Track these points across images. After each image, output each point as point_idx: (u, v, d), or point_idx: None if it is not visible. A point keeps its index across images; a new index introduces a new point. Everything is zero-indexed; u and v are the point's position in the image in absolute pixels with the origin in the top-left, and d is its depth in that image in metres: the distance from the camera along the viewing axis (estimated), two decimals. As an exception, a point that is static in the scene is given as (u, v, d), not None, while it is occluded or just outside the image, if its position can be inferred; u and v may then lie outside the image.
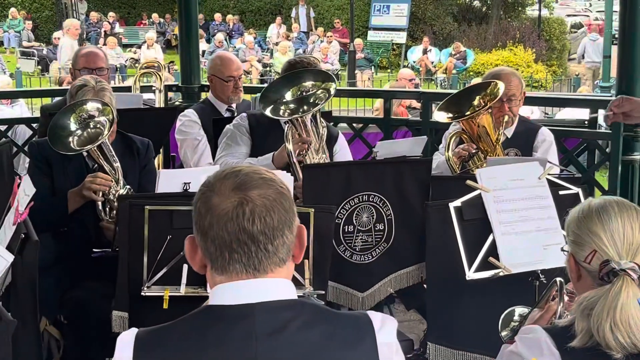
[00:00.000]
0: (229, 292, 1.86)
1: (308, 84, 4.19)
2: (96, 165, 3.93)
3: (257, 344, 1.81)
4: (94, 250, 3.85)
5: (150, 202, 3.26)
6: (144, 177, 4.12)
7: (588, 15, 36.76)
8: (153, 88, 6.20)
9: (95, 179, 3.80)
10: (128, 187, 3.90)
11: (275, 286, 1.88)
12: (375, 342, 1.89)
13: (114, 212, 3.78)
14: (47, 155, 4.00)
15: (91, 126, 3.85)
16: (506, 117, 4.46)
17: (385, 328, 1.92)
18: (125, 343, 1.86)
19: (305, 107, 4.11)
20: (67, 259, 3.97)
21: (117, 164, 3.88)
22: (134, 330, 1.89)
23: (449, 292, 3.64)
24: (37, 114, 9.41)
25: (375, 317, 1.93)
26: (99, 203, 3.81)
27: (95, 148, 3.81)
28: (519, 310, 2.77)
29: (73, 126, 3.85)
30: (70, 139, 3.83)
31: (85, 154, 3.93)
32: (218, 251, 1.85)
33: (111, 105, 3.90)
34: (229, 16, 27.37)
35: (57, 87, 10.68)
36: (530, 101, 6.17)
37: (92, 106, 3.88)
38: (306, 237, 1.97)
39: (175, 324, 1.89)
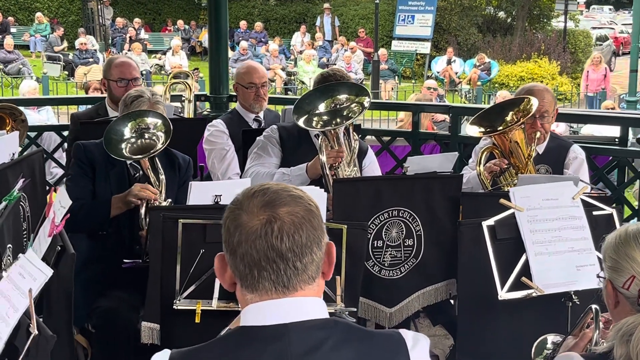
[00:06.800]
0: (261, 313, 1.86)
1: (342, 97, 4.19)
2: (138, 174, 4.01)
3: None
4: (124, 260, 3.86)
5: (183, 215, 3.27)
6: (181, 194, 4.11)
7: (613, 28, 36.72)
8: (183, 98, 6.23)
9: (143, 189, 3.86)
10: (170, 200, 3.95)
11: (307, 305, 1.88)
12: (408, 358, 1.89)
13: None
14: (92, 158, 4.08)
15: (146, 137, 3.94)
16: (538, 134, 4.43)
17: (418, 346, 1.92)
18: None
19: (338, 120, 4.11)
20: (98, 264, 3.99)
21: (163, 177, 3.95)
22: (166, 352, 1.88)
23: (480, 310, 3.63)
24: (63, 119, 9.54)
25: (407, 335, 1.93)
26: (142, 212, 3.85)
27: (147, 159, 3.90)
28: (552, 338, 2.76)
29: (128, 133, 3.93)
30: (124, 145, 3.91)
31: (129, 162, 4.02)
32: (247, 269, 1.85)
33: (169, 123, 3.98)
34: (258, 24, 27.49)
35: (84, 95, 10.73)
36: (561, 117, 6.14)
37: (152, 120, 3.98)
38: (335, 254, 1.97)
39: (209, 345, 1.89)
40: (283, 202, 1.87)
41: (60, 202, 2.90)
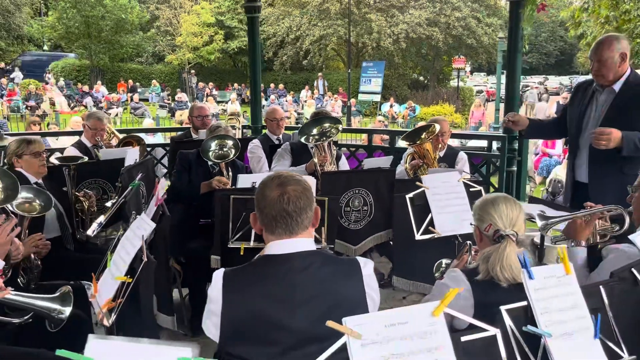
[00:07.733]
0: (277, 247, 1.85)
1: (326, 124, 4.16)
2: (215, 170, 3.97)
3: (295, 276, 1.80)
4: (200, 220, 3.84)
5: (233, 193, 3.25)
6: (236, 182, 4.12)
7: (485, 85, 36.64)
8: (235, 127, 6.20)
9: (221, 179, 3.85)
10: (234, 186, 3.91)
11: (303, 243, 1.87)
12: (361, 274, 1.87)
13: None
14: (190, 161, 4.06)
15: (224, 150, 3.90)
16: (440, 145, 4.42)
17: (367, 266, 1.91)
18: (218, 277, 1.85)
19: (324, 138, 4.10)
20: (187, 221, 3.96)
21: (231, 174, 3.93)
22: (222, 269, 1.87)
23: (406, 246, 3.60)
24: (168, 140, 9.47)
25: (360, 260, 1.92)
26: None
27: (224, 162, 3.90)
28: (445, 260, 2.75)
29: (214, 147, 3.90)
30: (211, 153, 3.89)
31: (210, 163, 3.99)
32: (269, 221, 1.85)
33: (239, 144, 3.94)
34: (280, 85, 27.40)
35: (179, 126, 10.66)
36: (455, 136, 6.12)
37: (229, 141, 3.93)
38: (320, 214, 1.95)
39: (247, 265, 1.88)
40: (290, 183, 1.86)
41: (161, 186, 2.90)
